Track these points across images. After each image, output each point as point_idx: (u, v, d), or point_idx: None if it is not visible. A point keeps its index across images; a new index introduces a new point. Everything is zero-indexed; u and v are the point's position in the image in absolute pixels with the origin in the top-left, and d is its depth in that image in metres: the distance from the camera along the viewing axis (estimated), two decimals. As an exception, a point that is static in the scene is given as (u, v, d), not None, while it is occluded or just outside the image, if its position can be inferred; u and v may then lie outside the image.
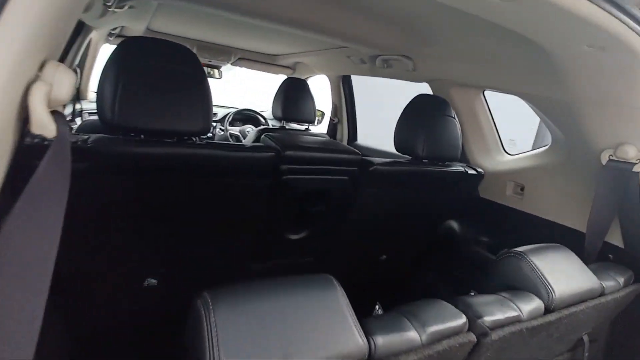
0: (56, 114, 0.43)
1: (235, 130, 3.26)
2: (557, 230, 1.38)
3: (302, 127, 2.67)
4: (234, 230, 1.31)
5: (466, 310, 0.72)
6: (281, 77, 3.20)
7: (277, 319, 0.53)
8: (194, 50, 2.55)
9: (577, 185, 1.30)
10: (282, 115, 2.31)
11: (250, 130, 3.21)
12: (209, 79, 2.44)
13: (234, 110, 3.41)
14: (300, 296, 0.58)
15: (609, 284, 0.96)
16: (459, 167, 1.55)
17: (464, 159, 1.78)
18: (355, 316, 0.59)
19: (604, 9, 0.73)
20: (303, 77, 3.08)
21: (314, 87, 2.54)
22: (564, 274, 0.88)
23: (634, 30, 0.80)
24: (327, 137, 2.78)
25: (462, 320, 0.69)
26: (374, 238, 1.62)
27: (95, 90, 0.98)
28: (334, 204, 1.40)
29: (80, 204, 0.66)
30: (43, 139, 0.39)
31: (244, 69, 3.26)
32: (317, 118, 3.35)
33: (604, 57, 0.90)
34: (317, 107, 2.93)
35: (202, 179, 1.09)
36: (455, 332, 0.67)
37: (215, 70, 3.12)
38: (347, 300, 0.61)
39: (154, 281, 1.28)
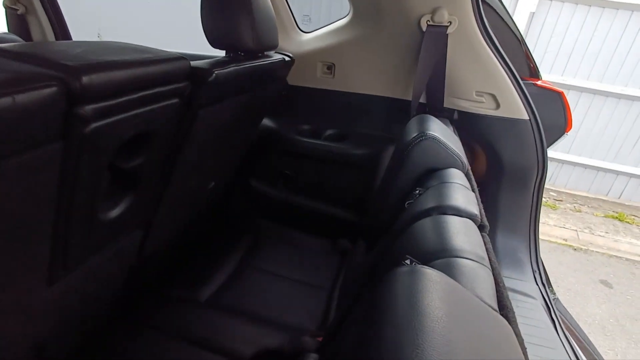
0: None
1: None
2: (373, 102, 1.49)
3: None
4: (16, 248, 0.66)
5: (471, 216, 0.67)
6: None
7: None
8: None
9: (391, 54, 1.38)
10: None
11: None
12: None
13: None
14: None
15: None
16: (277, 56, 1.32)
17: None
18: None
19: None
20: None
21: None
22: (453, 141, 0.97)
23: None
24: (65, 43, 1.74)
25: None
26: (204, 168, 1.26)
27: None
28: (161, 146, 0.91)
29: None
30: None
31: None
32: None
33: None
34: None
35: None
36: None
37: None
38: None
39: None
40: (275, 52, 1.37)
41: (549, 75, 3.87)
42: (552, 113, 1.42)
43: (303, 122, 1.64)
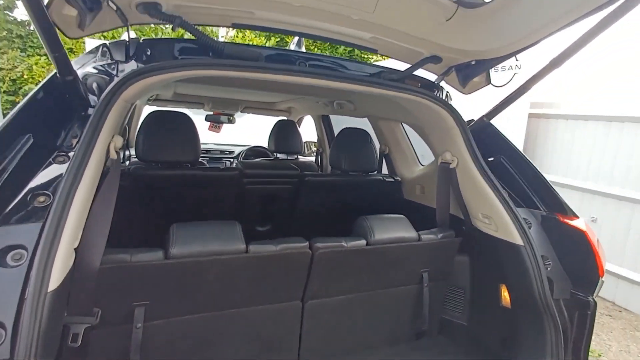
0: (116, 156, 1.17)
1: None
2: (432, 212, 1.96)
3: (292, 157, 3.43)
4: None
5: (311, 242, 1.37)
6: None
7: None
8: (209, 105, 3.43)
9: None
10: (274, 149, 3.08)
11: None
12: (226, 125, 3.38)
13: (247, 147, 4.26)
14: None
15: (427, 236, 1.55)
16: (377, 177, 2.19)
17: (392, 171, 2.41)
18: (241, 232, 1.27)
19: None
20: (296, 118, 3.89)
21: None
22: (388, 228, 1.50)
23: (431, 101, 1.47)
24: (280, 160, 3.46)
25: (305, 243, 1.34)
26: (319, 230, 2.26)
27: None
28: (284, 205, 2.09)
29: (121, 203, 1.36)
30: (112, 162, 1.13)
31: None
32: (309, 149, 4.17)
33: (427, 107, 1.54)
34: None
35: (193, 190, 1.83)
36: (300, 248, 1.32)
37: (228, 117, 3.98)
38: (240, 227, 1.29)
39: None
40: (385, 175, 2.24)
41: None
42: (580, 254, 1.32)
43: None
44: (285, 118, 3.95)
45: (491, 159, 1.66)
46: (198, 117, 4.04)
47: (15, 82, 10.71)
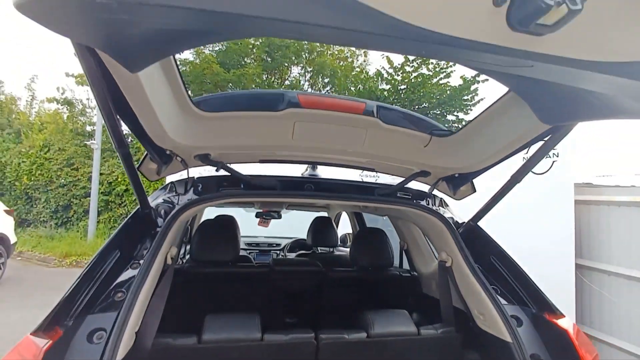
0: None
1: (292, 255, 4.44)
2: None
3: (329, 250, 3.74)
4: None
5: (316, 333, 1.61)
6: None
7: None
8: (258, 205, 3.98)
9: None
10: (312, 243, 3.44)
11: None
12: (273, 220, 3.93)
13: (291, 240, 4.68)
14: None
15: (427, 330, 1.70)
16: (394, 272, 2.40)
17: (412, 265, 2.59)
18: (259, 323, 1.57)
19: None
20: (334, 215, 4.29)
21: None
22: (388, 321, 1.69)
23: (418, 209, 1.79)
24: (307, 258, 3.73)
25: (311, 334, 1.59)
26: (343, 323, 2.43)
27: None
28: (310, 299, 2.35)
29: (180, 293, 1.75)
30: (167, 266, 1.56)
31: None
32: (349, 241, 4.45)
33: (417, 214, 1.86)
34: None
35: (232, 284, 2.20)
36: (305, 338, 1.57)
37: (276, 213, 4.51)
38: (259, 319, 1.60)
39: None
40: (402, 271, 2.45)
41: None
42: (568, 353, 1.38)
43: (423, 317, 2.36)
44: (325, 214, 4.39)
45: (494, 257, 1.84)
46: (250, 215, 4.67)
47: (110, 184, 12.82)
